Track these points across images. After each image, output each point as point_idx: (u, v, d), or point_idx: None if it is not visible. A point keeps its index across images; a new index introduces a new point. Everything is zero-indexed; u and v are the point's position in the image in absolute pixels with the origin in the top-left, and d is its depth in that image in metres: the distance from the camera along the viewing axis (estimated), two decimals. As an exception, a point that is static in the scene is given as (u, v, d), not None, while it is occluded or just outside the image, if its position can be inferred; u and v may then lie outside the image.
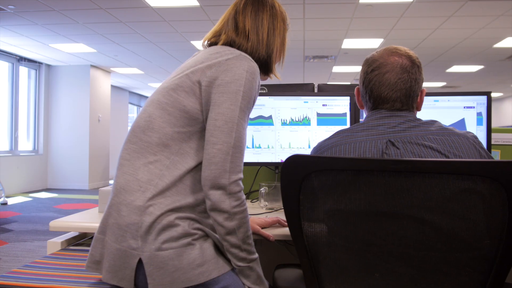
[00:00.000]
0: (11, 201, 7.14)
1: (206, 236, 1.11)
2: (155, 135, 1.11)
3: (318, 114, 1.92)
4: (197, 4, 5.16)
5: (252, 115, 1.91)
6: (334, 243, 1.00)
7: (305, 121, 1.92)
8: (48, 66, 9.17)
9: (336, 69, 9.26)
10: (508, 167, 0.84)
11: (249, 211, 1.73)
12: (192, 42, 7.05)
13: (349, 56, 8.01)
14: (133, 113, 13.76)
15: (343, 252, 1.00)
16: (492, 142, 2.07)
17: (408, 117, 1.16)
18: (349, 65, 8.91)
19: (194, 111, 1.11)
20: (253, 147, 1.92)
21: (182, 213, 1.08)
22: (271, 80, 1.50)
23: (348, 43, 7.06)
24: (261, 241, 1.37)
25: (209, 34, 1.31)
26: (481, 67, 9.03)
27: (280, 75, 1.36)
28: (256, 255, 1.13)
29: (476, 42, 6.90)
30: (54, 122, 9.22)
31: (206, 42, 1.31)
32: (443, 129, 1.12)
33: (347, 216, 0.97)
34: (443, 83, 11.40)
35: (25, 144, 8.83)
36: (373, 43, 7.02)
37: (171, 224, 1.05)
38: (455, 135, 1.10)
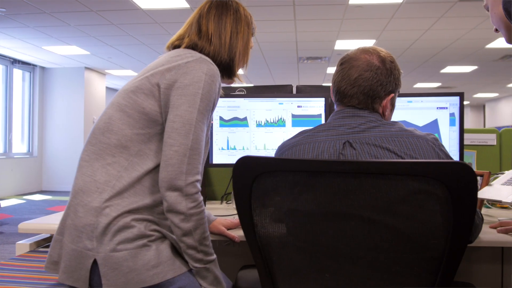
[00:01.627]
0: (4, 203, 7.12)
1: (163, 237, 1.11)
2: (114, 136, 1.12)
3: (293, 116, 1.93)
4: (187, 6, 5.17)
5: (227, 116, 1.92)
6: (287, 244, 1.00)
7: (280, 123, 1.93)
8: (43, 68, 9.18)
9: (331, 70, 9.27)
10: (449, 167, 0.85)
11: (223, 212, 1.74)
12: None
13: (343, 57, 8.01)
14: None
15: (295, 252, 1.00)
16: (468, 143, 2.08)
17: (369, 118, 1.16)
18: (343, 66, 8.91)
19: (153, 113, 1.12)
20: (228, 148, 1.93)
21: (139, 215, 1.09)
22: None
23: (341, 44, 7.07)
24: (230, 242, 1.38)
25: (173, 37, 1.32)
26: (475, 67, 9.04)
27: (243, 79, 1.36)
28: (214, 257, 1.13)
29: (468, 43, 6.91)
30: (49, 124, 9.23)
31: (170, 45, 1.32)
32: (402, 131, 1.12)
33: (299, 216, 0.98)
34: (438, 84, 11.42)
35: (19, 146, 8.83)
36: (366, 44, 7.00)
37: (127, 226, 1.06)
38: (414, 137, 1.10)
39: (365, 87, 1.16)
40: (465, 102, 15.53)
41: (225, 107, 1.92)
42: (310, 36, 6.59)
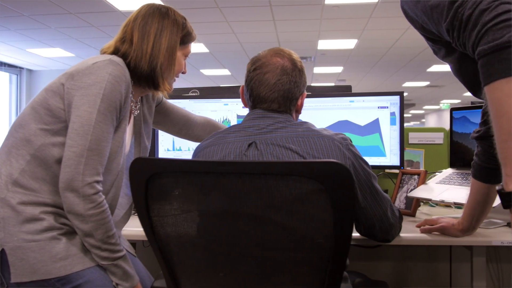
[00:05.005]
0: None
1: (74, 231, 1.13)
2: (21, 131, 1.16)
3: (238, 116, 1.95)
4: (165, 7, 5.18)
5: (173, 118, 1.93)
6: (184, 243, 1.02)
7: (225, 123, 1.94)
8: (30, 71, 9.19)
9: (317, 70, 9.30)
10: (324, 166, 0.87)
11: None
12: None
13: (328, 57, 8.05)
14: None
15: (193, 251, 1.02)
16: (416, 142, 2.10)
17: (279, 119, 1.17)
18: (329, 66, 8.96)
19: (57, 109, 1.15)
20: (173, 149, 1.94)
21: (48, 208, 1.12)
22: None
23: (324, 44, 7.10)
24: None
25: (104, 45, 1.32)
26: (461, 66, 9.05)
27: (171, 88, 1.34)
28: (122, 253, 1.15)
29: (450, 42, 6.93)
30: (36, 126, 9.21)
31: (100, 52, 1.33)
32: (309, 131, 1.13)
33: (194, 216, 0.99)
34: (427, 83, 11.45)
35: (6, 149, 8.82)
36: (348, 44, 7.06)
37: (36, 218, 1.09)
38: (319, 136, 1.12)
39: (284, 91, 1.17)
40: (456, 101, 15.57)
41: (170, 109, 1.94)
42: (292, 37, 6.61)
